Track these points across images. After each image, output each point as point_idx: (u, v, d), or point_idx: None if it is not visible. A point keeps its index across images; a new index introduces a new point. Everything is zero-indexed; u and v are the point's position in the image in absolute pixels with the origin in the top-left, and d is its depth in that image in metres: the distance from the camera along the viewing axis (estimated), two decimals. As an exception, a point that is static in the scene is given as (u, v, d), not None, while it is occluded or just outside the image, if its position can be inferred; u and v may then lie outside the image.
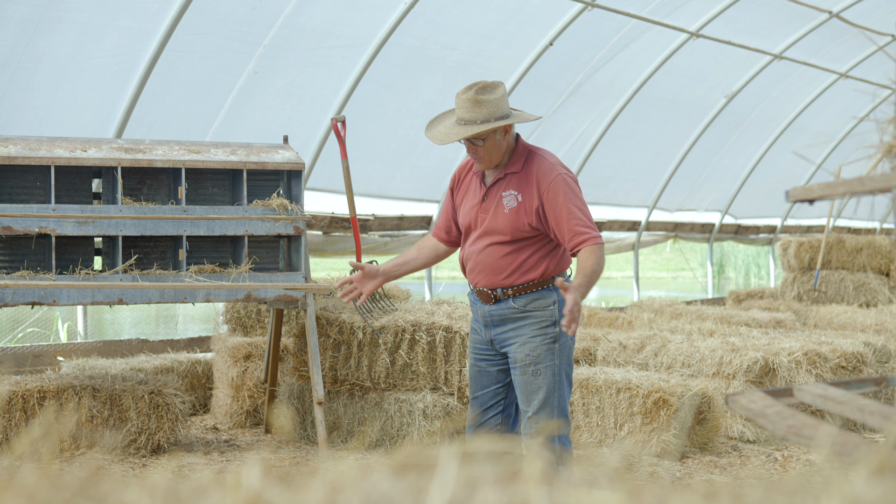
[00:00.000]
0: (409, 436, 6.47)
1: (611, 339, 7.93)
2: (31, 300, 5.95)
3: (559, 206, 4.22)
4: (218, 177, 6.70)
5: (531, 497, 0.72)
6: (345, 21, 9.02)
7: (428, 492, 0.72)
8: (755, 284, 30.13)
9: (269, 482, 0.75)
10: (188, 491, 0.74)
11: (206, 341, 9.09)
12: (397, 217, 11.05)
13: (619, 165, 13.40)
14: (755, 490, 0.80)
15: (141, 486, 0.75)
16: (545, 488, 0.73)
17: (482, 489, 0.72)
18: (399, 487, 0.72)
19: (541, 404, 4.31)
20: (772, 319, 10.36)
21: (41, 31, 7.40)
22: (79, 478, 0.76)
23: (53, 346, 8.31)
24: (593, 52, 11.27)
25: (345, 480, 0.75)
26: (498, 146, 4.30)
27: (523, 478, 0.74)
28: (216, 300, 6.41)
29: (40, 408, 6.30)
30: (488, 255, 4.34)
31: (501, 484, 0.74)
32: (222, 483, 0.76)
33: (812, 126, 15.51)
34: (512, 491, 0.73)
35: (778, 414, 2.05)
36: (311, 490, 0.73)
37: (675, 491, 0.79)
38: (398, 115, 10.34)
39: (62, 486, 0.74)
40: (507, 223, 4.29)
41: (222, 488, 0.75)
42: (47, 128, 7.79)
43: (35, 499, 0.72)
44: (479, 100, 4.21)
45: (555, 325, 4.30)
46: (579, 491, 0.72)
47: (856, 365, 7.53)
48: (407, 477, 0.76)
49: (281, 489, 0.74)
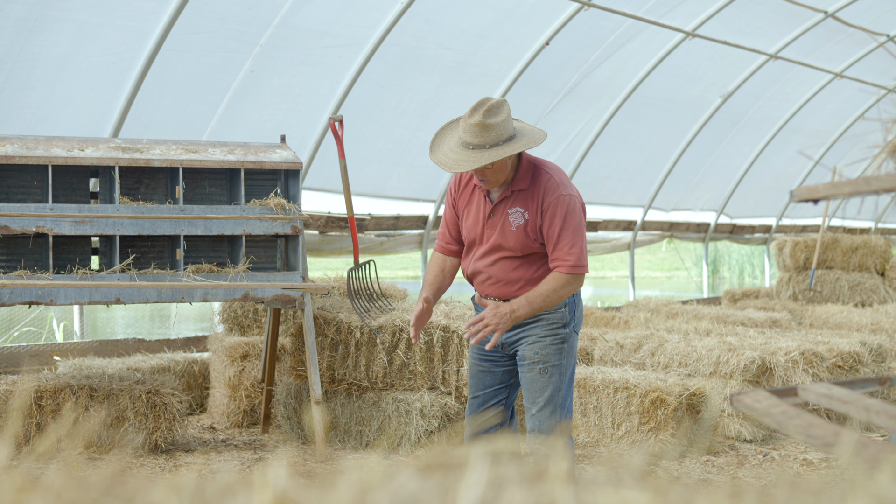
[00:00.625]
0: (406, 435, 6.46)
1: (608, 338, 7.94)
2: (29, 300, 5.94)
3: (553, 228, 4.24)
4: (215, 176, 6.69)
5: (558, 497, 0.72)
6: (342, 20, 9.02)
7: (456, 491, 0.72)
8: (749, 284, 30.18)
9: (295, 482, 0.75)
10: (215, 491, 0.74)
11: (202, 341, 9.08)
12: (393, 217, 11.04)
13: (615, 165, 13.41)
14: (781, 490, 0.80)
15: (168, 486, 0.75)
16: (572, 488, 0.73)
17: (509, 489, 0.72)
18: (426, 487, 0.72)
19: (545, 403, 4.34)
20: (767, 319, 10.38)
21: (38, 30, 7.39)
22: (105, 477, 0.76)
23: (50, 345, 8.29)
24: (589, 52, 11.28)
25: (371, 480, 0.75)
26: (505, 167, 4.27)
27: (549, 478, 0.74)
28: (214, 300, 6.41)
29: (38, 408, 6.29)
30: (499, 270, 4.36)
31: (528, 484, 0.74)
32: (248, 483, 0.76)
33: (807, 126, 15.54)
34: (538, 491, 0.73)
35: (783, 413, 2.06)
36: (338, 490, 0.73)
37: (701, 491, 0.79)
38: (394, 114, 10.33)
39: (89, 486, 0.74)
40: (515, 241, 4.30)
41: (249, 488, 0.75)
42: (44, 127, 7.78)
43: (62, 499, 0.71)
44: (488, 124, 4.12)
45: (565, 326, 4.36)
46: (606, 491, 0.72)
47: (852, 364, 7.54)
48: (433, 477, 0.76)
49: (308, 489, 0.73)
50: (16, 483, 0.73)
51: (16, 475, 0.76)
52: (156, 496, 0.73)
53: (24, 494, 0.72)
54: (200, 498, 0.73)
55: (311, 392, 6.38)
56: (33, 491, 0.72)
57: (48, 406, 6.30)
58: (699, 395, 6.71)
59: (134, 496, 0.73)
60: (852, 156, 17.00)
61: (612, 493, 0.71)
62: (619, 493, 0.71)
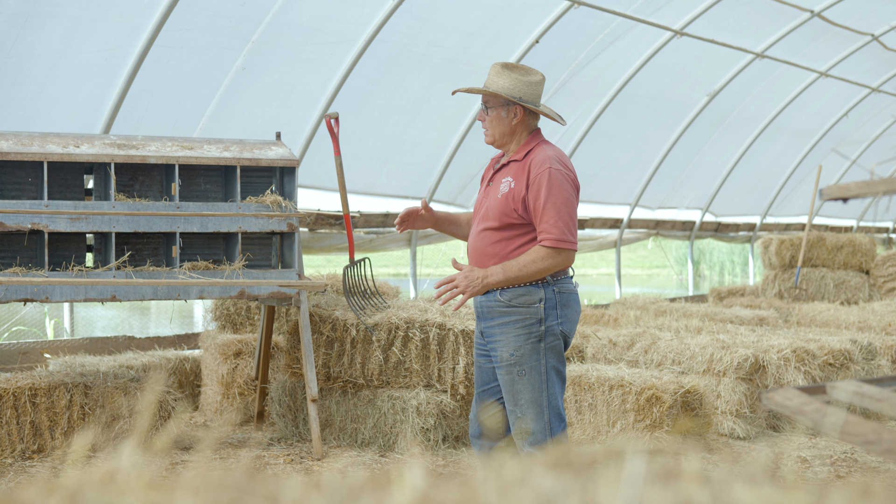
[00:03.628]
0: (402, 433, 6.46)
1: (600, 336, 7.96)
2: (24, 297, 5.90)
3: (539, 200, 4.16)
4: (210, 173, 6.67)
5: (694, 496, 0.71)
6: (333, 17, 9.00)
7: (595, 490, 0.72)
8: (729, 282, 30.34)
9: (434, 481, 0.75)
10: (350, 490, 0.73)
11: (193, 338, 9.05)
12: (383, 214, 11.03)
13: (602, 163, 13.43)
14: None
15: (308, 484, 0.74)
16: (707, 486, 0.73)
17: (647, 488, 0.72)
18: (565, 486, 0.72)
19: (528, 405, 4.20)
20: (755, 317, 10.43)
21: (30, 26, 7.34)
22: (243, 476, 0.75)
23: (40, 343, 8.24)
24: (578, 50, 11.30)
25: (508, 479, 0.74)
26: (501, 122, 4.30)
27: (683, 476, 0.74)
28: (209, 297, 6.38)
29: (32, 405, 6.25)
30: (479, 241, 4.30)
31: (662, 482, 0.74)
32: (385, 482, 0.75)
33: (792, 124, 15.61)
34: (673, 489, 0.72)
35: (818, 411, 2.06)
36: (479, 489, 0.73)
37: (832, 488, 0.79)
38: (384, 111, 10.32)
39: (230, 486, 0.73)
40: (496, 208, 4.24)
41: (387, 487, 0.74)
42: (35, 123, 7.73)
43: (203, 498, 0.71)
44: (503, 71, 4.23)
45: (540, 323, 4.19)
46: (742, 489, 0.72)
47: (843, 362, 7.59)
48: (567, 475, 0.75)
49: (447, 488, 0.73)
50: (152, 483, 0.73)
51: (145, 476, 0.75)
52: (299, 494, 0.72)
53: (164, 494, 0.71)
54: (344, 497, 0.72)
55: (307, 390, 6.37)
56: (176, 490, 0.71)
57: (42, 404, 6.27)
58: (694, 392, 6.73)
59: (277, 495, 0.72)
60: (836, 154, 17.08)
61: (750, 492, 0.71)
62: (756, 492, 0.71)
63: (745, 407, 7.00)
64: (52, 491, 0.76)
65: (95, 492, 0.73)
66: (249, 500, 0.70)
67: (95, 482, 0.75)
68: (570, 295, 4.31)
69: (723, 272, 32.71)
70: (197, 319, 15.68)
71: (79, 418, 6.31)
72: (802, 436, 7.10)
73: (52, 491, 0.76)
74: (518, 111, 4.30)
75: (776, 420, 7.30)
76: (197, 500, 0.70)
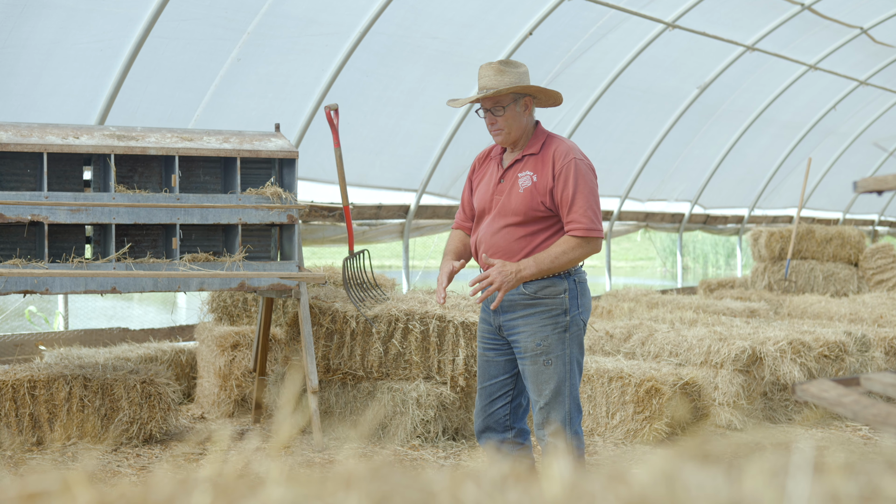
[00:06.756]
0: (402, 425, 6.46)
1: (596, 327, 7.97)
2: (24, 288, 5.87)
3: (567, 191, 4.19)
4: (209, 165, 6.64)
5: (840, 487, 0.72)
6: (328, 8, 8.97)
7: (742, 483, 0.73)
8: (713, 273, 30.43)
9: (582, 474, 0.75)
10: (494, 482, 0.73)
11: (188, 330, 9.02)
12: (375, 206, 11.02)
13: (594, 155, 13.37)
14: None
15: (453, 478, 0.74)
16: (854, 478, 0.73)
17: (793, 480, 0.72)
18: (714, 480, 0.72)
19: (552, 394, 4.24)
20: (746, 309, 10.47)
21: (25, 16, 7.29)
22: (393, 468, 0.75)
23: (35, 335, 8.20)
24: (571, 42, 11.30)
25: (655, 472, 0.75)
26: (517, 118, 4.31)
27: (828, 469, 0.74)
28: (210, 289, 6.36)
29: (31, 397, 6.22)
30: (502, 238, 4.29)
31: (813, 475, 0.74)
32: (531, 474, 0.75)
33: (781, 117, 15.66)
34: (822, 482, 0.73)
35: (856, 403, 2.07)
36: (631, 483, 0.73)
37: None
38: (378, 103, 10.30)
39: (384, 478, 0.73)
40: (520, 203, 4.25)
41: (533, 480, 0.74)
42: (30, 114, 7.68)
43: (360, 489, 0.71)
44: (503, 69, 4.26)
45: (566, 313, 4.25)
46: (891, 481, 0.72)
47: (838, 354, 7.63)
48: (712, 469, 0.76)
49: (597, 481, 0.73)
50: (295, 477, 0.72)
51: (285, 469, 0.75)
52: (449, 484, 0.72)
53: (315, 488, 0.71)
54: (489, 488, 0.72)
55: (307, 381, 6.36)
56: (332, 483, 0.71)
57: (41, 396, 6.24)
58: (693, 384, 6.77)
59: (431, 487, 0.72)
60: (824, 147, 17.16)
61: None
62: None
63: (742, 398, 7.03)
64: (205, 486, 0.75)
65: (244, 488, 0.72)
66: (405, 493, 0.70)
67: (236, 477, 0.75)
68: (586, 284, 4.38)
69: (706, 264, 32.83)
70: (181, 306, 15.66)
71: (78, 410, 6.28)
72: (799, 427, 7.14)
73: (205, 486, 0.75)
74: (528, 102, 4.33)
75: (772, 412, 7.34)
76: (352, 494, 0.70)
